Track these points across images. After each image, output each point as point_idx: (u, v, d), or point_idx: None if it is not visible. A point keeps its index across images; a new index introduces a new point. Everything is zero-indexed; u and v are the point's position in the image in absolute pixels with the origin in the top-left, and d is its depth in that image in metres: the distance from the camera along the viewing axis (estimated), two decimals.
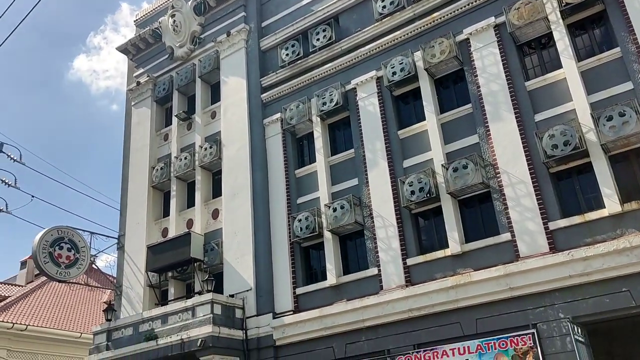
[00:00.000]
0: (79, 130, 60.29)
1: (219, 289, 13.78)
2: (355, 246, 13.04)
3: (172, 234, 15.59)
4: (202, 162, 15.78)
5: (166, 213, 16.45)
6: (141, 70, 18.44)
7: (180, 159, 16.24)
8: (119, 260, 16.62)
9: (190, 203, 16.06)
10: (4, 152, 17.27)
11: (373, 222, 12.51)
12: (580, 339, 9.57)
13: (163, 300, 15.27)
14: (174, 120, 17.12)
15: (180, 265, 14.84)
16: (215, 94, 16.89)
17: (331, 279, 12.66)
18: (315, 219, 13.14)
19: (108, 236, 16.83)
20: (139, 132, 17.70)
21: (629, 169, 10.40)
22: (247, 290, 13.51)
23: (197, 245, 14.57)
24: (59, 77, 61.38)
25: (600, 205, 10.22)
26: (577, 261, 9.84)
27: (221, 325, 12.61)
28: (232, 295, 13.55)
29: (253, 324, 13.16)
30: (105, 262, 50.64)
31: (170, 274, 15.26)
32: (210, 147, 15.73)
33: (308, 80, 14.76)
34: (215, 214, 15.29)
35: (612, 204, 9.98)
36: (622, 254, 9.51)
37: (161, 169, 16.63)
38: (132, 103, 18.32)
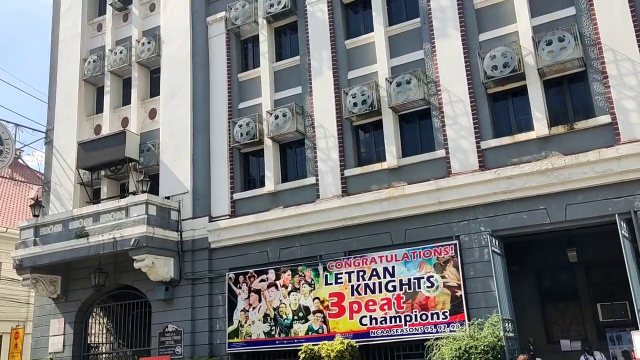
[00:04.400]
0: (6, 18, 55.13)
1: (154, 190, 13.63)
2: (295, 155, 13.14)
3: (105, 131, 15.03)
4: (139, 57, 14.98)
5: (99, 109, 15.73)
6: None
7: (115, 53, 15.33)
8: (47, 155, 15.94)
9: (126, 101, 15.39)
10: None
11: (314, 131, 12.56)
12: (496, 250, 10.33)
13: (95, 199, 14.97)
14: (109, 9, 15.94)
15: (113, 165, 14.47)
16: None
17: (269, 185, 12.80)
18: (256, 125, 13.02)
19: (35, 129, 16.12)
20: (69, 20, 16.40)
21: (561, 94, 10.84)
22: (184, 193, 13.47)
23: (133, 145, 14.17)
24: None
25: (530, 127, 10.69)
26: (502, 179, 10.42)
27: (155, 226, 12.62)
28: (167, 197, 13.48)
29: (188, 226, 13.26)
30: (36, 159, 48.32)
31: (103, 172, 14.88)
32: (149, 43, 14.89)
33: None
34: (153, 114, 14.80)
35: (540, 127, 10.47)
36: (544, 174, 10.13)
37: (94, 61, 15.67)
38: None
